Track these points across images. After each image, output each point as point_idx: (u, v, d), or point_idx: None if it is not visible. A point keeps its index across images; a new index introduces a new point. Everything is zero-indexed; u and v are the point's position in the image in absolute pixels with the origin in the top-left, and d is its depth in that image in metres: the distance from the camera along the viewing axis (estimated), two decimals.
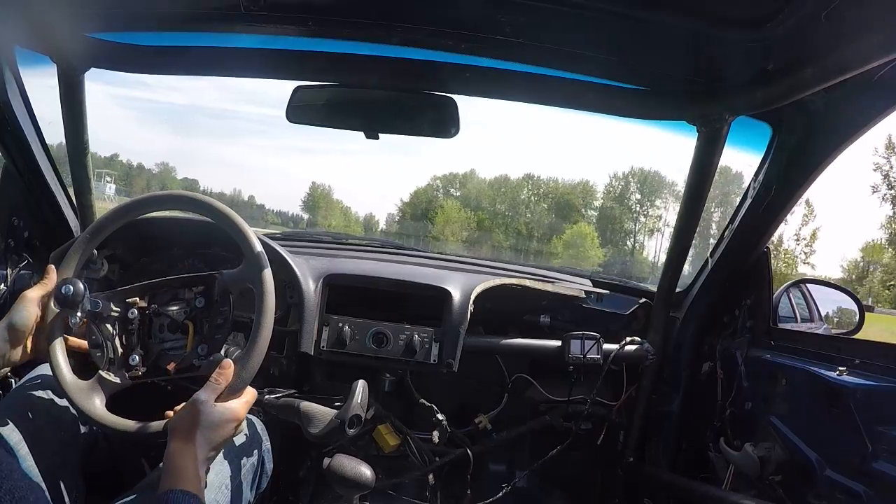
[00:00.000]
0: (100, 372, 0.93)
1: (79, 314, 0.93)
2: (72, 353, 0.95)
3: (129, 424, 0.89)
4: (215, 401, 0.82)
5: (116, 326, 0.97)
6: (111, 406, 0.91)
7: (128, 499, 0.85)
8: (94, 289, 1.32)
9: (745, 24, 0.86)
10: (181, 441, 0.77)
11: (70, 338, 0.95)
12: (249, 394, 0.89)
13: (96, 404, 0.90)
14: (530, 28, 0.99)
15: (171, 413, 0.87)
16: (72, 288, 0.90)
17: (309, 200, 52.06)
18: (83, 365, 0.98)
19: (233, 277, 0.97)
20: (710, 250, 1.42)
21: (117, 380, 0.93)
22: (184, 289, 1.00)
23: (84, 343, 0.95)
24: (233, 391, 0.86)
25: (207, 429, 0.79)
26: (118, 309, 0.97)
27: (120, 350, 0.96)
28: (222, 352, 0.96)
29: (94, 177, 1.39)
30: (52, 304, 0.92)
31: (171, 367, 0.95)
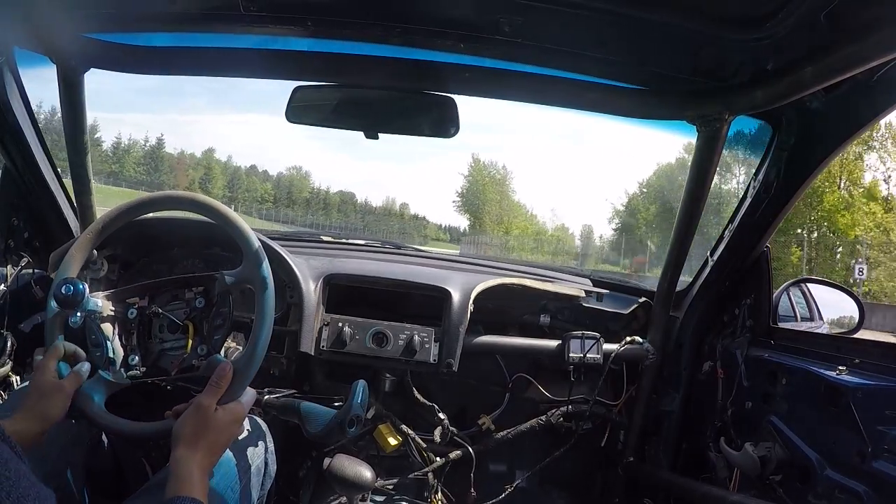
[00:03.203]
0: (99, 372, 0.93)
1: (79, 314, 0.92)
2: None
3: (127, 425, 0.89)
4: (217, 403, 0.82)
5: (116, 326, 0.97)
6: (112, 405, 0.91)
7: (135, 500, 0.85)
8: (94, 289, 1.33)
9: (744, 23, 0.86)
10: (186, 448, 0.77)
11: (66, 343, 0.93)
12: (249, 393, 0.89)
13: (94, 404, 0.90)
14: (530, 28, 0.99)
15: (170, 413, 0.87)
16: (72, 287, 0.89)
17: (469, 193, 32.36)
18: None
19: (232, 278, 0.97)
20: (710, 250, 1.42)
21: (115, 381, 0.93)
22: (183, 289, 1.00)
23: (77, 350, 0.93)
24: (233, 393, 0.86)
25: (213, 432, 0.79)
26: (118, 309, 0.97)
27: (120, 350, 0.96)
28: (221, 352, 0.96)
29: (93, 177, 1.39)
30: (51, 302, 0.92)
31: (172, 367, 0.95)
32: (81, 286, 0.90)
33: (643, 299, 1.55)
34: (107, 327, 0.96)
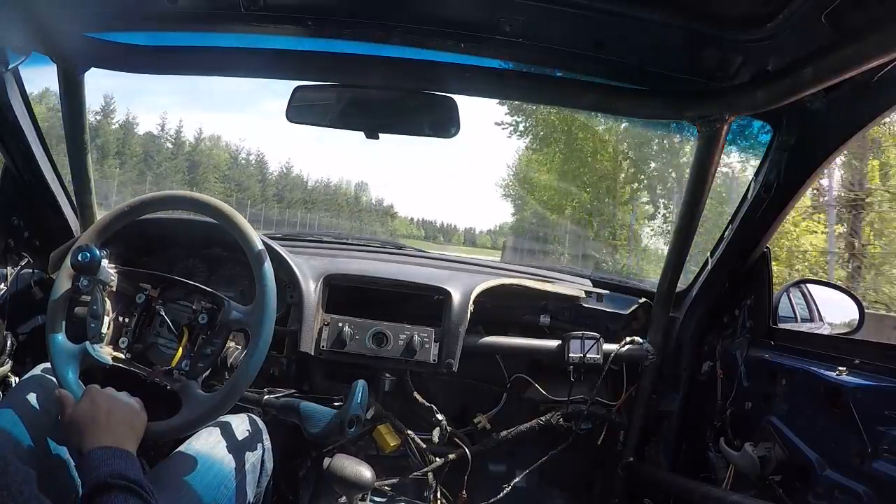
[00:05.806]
0: (86, 343, 0.94)
1: (89, 280, 0.94)
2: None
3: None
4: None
5: (120, 304, 0.97)
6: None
7: None
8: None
9: (745, 23, 0.86)
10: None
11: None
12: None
13: (69, 371, 0.92)
14: (530, 28, 0.99)
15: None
16: (88, 255, 0.91)
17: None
18: (75, 332, 1.00)
19: (236, 313, 0.98)
20: (711, 250, 1.42)
21: (97, 358, 0.94)
22: (194, 294, 1.01)
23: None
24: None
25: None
26: (127, 288, 0.98)
27: (114, 327, 0.97)
28: (200, 379, 0.98)
29: (93, 177, 1.38)
30: (67, 263, 0.94)
31: (153, 370, 0.96)
32: (98, 253, 0.91)
33: (643, 300, 1.55)
34: (111, 302, 0.97)
